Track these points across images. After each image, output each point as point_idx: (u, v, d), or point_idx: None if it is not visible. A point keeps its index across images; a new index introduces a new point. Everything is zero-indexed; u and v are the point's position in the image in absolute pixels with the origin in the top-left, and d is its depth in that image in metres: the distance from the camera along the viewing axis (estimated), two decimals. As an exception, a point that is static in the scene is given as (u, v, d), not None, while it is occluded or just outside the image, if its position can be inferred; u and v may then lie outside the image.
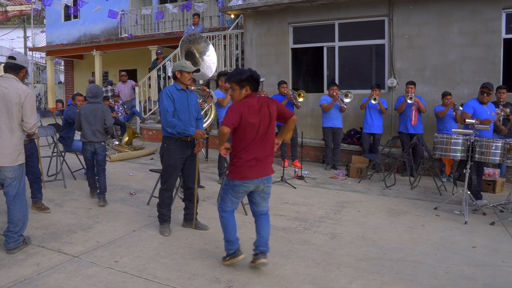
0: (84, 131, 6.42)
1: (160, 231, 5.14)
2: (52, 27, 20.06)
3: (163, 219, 5.18)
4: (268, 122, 4.01)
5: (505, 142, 6.00)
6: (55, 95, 20.66)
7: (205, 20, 15.37)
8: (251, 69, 4.13)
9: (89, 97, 6.48)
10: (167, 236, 5.03)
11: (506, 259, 4.67)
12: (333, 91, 9.19)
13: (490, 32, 9.29)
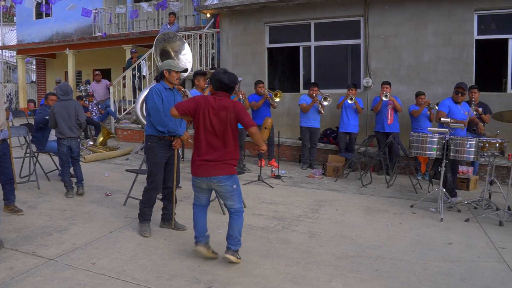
0: (61, 127, 6.60)
1: (140, 231, 5.05)
2: (23, 25, 19.64)
3: (144, 218, 5.10)
4: (224, 127, 4.06)
5: (479, 141, 6.11)
6: (26, 95, 20.23)
7: (181, 19, 15.27)
8: (220, 70, 4.19)
9: (60, 95, 6.71)
10: (147, 237, 4.95)
11: (481, 254, 4.75)
12: (313, 91, 9.21)
13: (463, 33, 9.46)
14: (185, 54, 9.74)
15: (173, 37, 9.74)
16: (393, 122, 8.92)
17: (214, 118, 4.03)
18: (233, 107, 4.05)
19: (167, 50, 9.93)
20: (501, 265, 4.47)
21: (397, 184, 8.20)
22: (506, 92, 9.52)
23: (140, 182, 6.65)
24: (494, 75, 11.14)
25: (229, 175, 4.12)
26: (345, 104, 9.21)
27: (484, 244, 5.08)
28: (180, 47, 9.77)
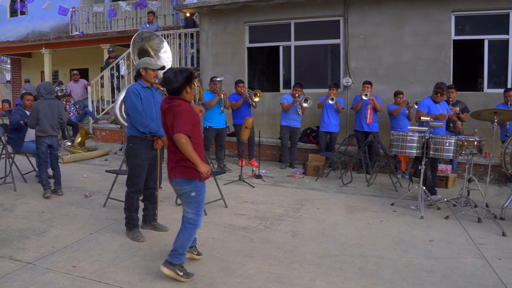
0: (43, 126, 6.58)
1: (132, 237, 4.90)
2: (-3, 23, 19.23)
3: (133, 224, 4.98)
4: (168, 129, 3.89)
5: (457, 139, 6.19)
6: (1, 95, 19.83)
7: (159, 19, 15.13)
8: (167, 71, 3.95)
9: (44, 93, 6.70)
10: (134, 240, 4.86)
11: (461, 251, 4.82)
12: (296, 91, 9.22)
13: (441, 34, 9.59)
14: (165, 51, 9.65)
15: (150, 36, 9.63)
16: (372, 121, 8.99)
17: (166, 121, 3.87)
18: (172, 108, 3.78)
19: (146, 49, 9.81)
20: (480, 261, 4.55)
21: (378, 183, 8.26)
22: (483, 92, 9.69)
23: (120, 183, 6.58)
24: (471, 75, 11.31)
25: (187, 179, 3.82)
26: (326, 104, 9.24)
27: (464, 241, 5.16)
28: (159, 45, 9.66)
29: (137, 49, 9.63)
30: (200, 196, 3.89)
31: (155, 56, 9.92)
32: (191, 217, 3.87)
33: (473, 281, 4.02)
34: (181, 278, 3.84)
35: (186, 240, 3.87)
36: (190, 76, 3.87)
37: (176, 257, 3.86)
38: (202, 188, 3.91)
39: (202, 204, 3.93)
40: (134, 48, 9.49)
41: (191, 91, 3.92)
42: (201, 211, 3.93)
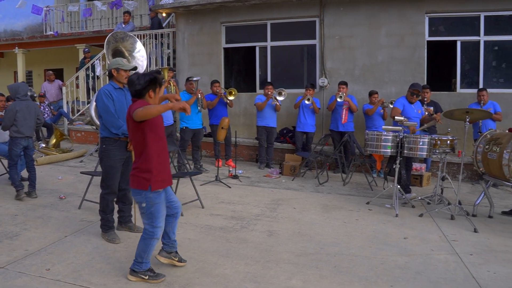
0: (21, 126, 6.53)
1: (108, 239, 4.84)
2: (-33, 22, 18.82)
3: (108, 226, 4.92)
4: (131, 134, 3.79)
5: (431, 138, 6.29)
6: (-27, 95, 19.39)
7: (136, 19, 15.02)
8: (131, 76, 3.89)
9: (22, 95, 6.67)
10: (110, 242, 4.80)
11: (434, 247, 4.89)
12: (268, 90, 9.26)
13: (415, 35, 9.74)
14: (139, 51, 9.57)
15: (124, 37, 9.54)
16: (347, 121, 9.07)
17: (128, 125, 3.79)
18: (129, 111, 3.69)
19: (120, 50, 9.70)
20: (453, 257, 4.62)
21: (353, 182, 8.34)
22: (456, 92, 9.86)
23: (95, 185, 6.48)
24: (445, 75, 11.51)
25: (137, 189, 3.74)
26: (303, 104, 9.29)
27: (437, 238, 5.24)
28: (133, 45, 9.58)
29: (111, 50, 9.52)
30: (153, 207, 3.74)
31: (130, 56, 9.82)
32: (147, 228, 3.80)
33: (445, 277, 4.09)
34: (149, 281, 3.82)
35: (144, 250, 3.80)
36: (154, 80, 3.76)
37: (136, 265, 3.85)
38: (155, 199, 3.74)
39: (157, 215, 3.77)
40: (108, 48, 9.39)
41: (155, 96, 3.81)
42: (157, 223, 3.77)
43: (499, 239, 5.26)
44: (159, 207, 3.78)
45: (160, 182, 3.76)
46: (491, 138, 5.98)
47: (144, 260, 3.83)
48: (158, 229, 3.79)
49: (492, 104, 8.38)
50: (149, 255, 3.84)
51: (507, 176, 5.47)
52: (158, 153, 3.76)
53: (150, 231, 3.78)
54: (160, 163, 3.77)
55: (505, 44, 9.68)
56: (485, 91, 8.41)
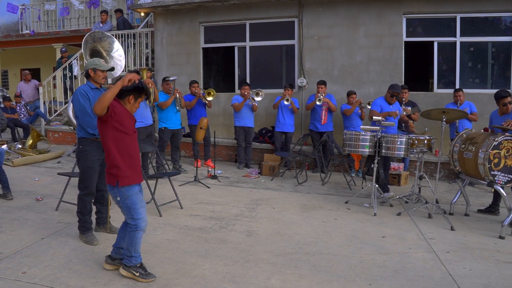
0: None
1: (85, 241, 4.77)
2: None
3: (86, 227, 4.85)
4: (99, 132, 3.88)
5: (408, 138, 6.34)
6: None
7: (113, 18, 14.82)
8: None
9: None
10: (88, 244, 4.72)
11: (412, 246, 4.94)
12: (244, 90, 9.27)
13: (393, 35, 9.83)
14: (117, 50, 9.46)
15: (102, 37, 9.43)
16: (327, 122, 9.11)
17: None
18: None
19: (98, 50, 9.57)
20: (430, 255, 4.67)
21: (332, 182, 8.38)
22: (433, 92, 9.98)
23: (73, 186, 6.37)
24: (422, 76, 11.65)
25: (110, 185, 3.83)
26: (281, 104, 9.30)
27: (415, 236, 5.29)
28: (111, 45, 9.46)
29: (89, 50, 9.39)
30: (127, 200, 3.78)
31: (108, 56, 9.70)
32: (129, 222, 3.84)
33: (423, 274, 4.13)
34: (138, 278, 3.82)
35: (130, 244, 3.84)
36: (141, 89, 3.83)
37: (127, 260, 3.88)
38: (127, 192, 3.78)
39: (135, 208, 3.80)
40: (86, 48, 9.26)
41: (134, 104, 3.87)
42: (137, 215, 3.80)
43: (475, 237, 5.34)
44: (134, 199, 3.81)
45: (128, 178, 3.79)
46: (467, 137, 6.06)
47: (133, 253, 3.84)
48: (140, 221, 3.81)
49: (468, 105, 8.50)
50: (137, 248, 3.86)
51: (483, 175, 5.54)
52: (125, 149, 3.79)
53: (132, 224, 3.81)
54: (128, 159, 3.80)
55: (480, 45, 9.84)
56: (461, 91, 8.53)
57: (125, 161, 3.77)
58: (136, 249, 3.85)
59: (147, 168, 7.92)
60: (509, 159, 5.45)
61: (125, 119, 3.79)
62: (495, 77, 9.88)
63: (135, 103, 3.86)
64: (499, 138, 5.41)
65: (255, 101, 9.29)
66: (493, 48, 9.83)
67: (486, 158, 5.40)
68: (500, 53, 9.77)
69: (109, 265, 4.08)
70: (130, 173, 3.79)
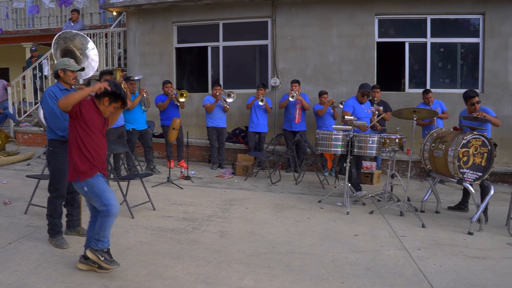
0: None
1: (55, 244, 4.66)
2: None
3: (56, 231, 4.73)
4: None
5: (380, 137, 6.41)
6: None
7: (85, 17, 14.59)
8: None
9: None
10: (57, 247, 4.60)
11: (384, 244, 4.99)
12: (216, 91, 9.25)
13: (365, 36, 9.94)
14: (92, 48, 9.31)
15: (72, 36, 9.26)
16: (300, 121, 9.15)
17: None
18: None
19: (71, 49, 9.40)
20: (402, 252, 4.73)
21: (305, 181, 8.41)
22: (404, 92, 10.12)
23: (42, 189, 6.24)
24: (394, 76, 11.80)
25: (72, 181, 3.98)
26: (255, 104, 9.30)
27: (387, 234, 5.35)
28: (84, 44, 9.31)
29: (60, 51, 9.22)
30: (95, 188, 3.87)
31: (82, 56, 9.55)
32: (101, 208, 3.87)
33: (394, 272, 4.17)
34: (102, 263, 3.87)
35: (101, 228, 3.88)
36: (117, 96, 3.93)
37: (94, 243, 3.91)
38: (93, 181, 3.89)
39: (103, 194, 3.88)
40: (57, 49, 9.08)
41: (108, 107, 3.96)
42: (107, 200, 3.86)
43: (445, 233, 5.44)
44: (101, 187, 3.90)
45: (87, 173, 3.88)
46: (437, 136, 6.15)
47: (101, 238, 3.89)
48: (111, 206, 3.86)
49: (439, 103, 8.65)
50: (106, 234, 3.91)
51: (452, 173, 5.63)
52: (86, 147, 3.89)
53: (104, 210, 3.86)
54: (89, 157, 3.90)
55: (450, 46, 10.03)
56: (430, 92, 8.68)
57: (83, 159, 3.87)
58: (105, 234, 3.90)
59: (119, 170, 7.82)
60: (477, 157, 5.56)
61: (93, 119, 3.89)
62: (464, 77, 10.09)
63: (109, 106, 3.94)
64: (467, 136, 5.51)
65: (226, 102, 9.26)
66: (462, 49, 10.03)
67: (455, 156, 5.49)
68: (468, 54, 9.97)
69: (84, 264, 4.03)
70: (88, 168, 3.88)
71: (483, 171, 5.61)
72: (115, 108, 3.99)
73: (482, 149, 5.56)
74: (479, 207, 5.54)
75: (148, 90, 8.95)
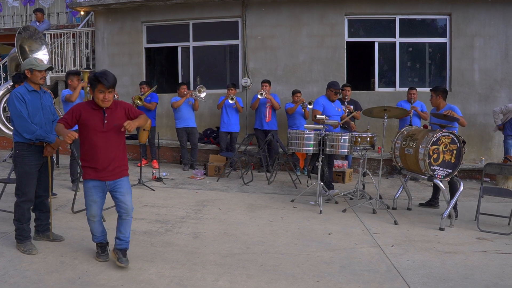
0: None
1: (23, 250, 4.50)
2: None
3: (24, 236, 4.57)
4: None
5: (351, 135, 6.45)
6: None
7: (52, 17, 14.25)
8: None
9: None
10: (26, 253, 4.44)
11: (357, 241, 5.02)
12: (183, 89, 9.20)
13: (335, 36, 10.03)
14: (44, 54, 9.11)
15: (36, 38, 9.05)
16: (271, 119, 9.15)
17: None
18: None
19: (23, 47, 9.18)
20: (375, 249, 4.77)
21: (278, 181, 8.42)
22: (375, 91, 10.24)
23: (9, 193, 6.07)
24: (364, 75, 11.93)
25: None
26: (226, 104, 9.26)
27: (360, 232, 5.38)
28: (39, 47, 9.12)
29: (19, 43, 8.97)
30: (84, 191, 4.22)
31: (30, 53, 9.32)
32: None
33: (369, 268, 4.20)
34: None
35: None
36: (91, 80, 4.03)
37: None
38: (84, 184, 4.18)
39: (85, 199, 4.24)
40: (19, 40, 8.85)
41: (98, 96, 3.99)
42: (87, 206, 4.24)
43: (417, 230, 5.52)
44: (86, 192, 4.19)
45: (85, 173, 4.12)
46: (407, 134, 6.24)
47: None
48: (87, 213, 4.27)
49: (420, 104, 8.78)
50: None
51: (423, 170, 5.71)
52: (87, 146, 4.09)
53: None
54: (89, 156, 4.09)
55: (418, 45, 10.20)
56: (415, 90, 8.82)
57: (85, 158, 4.11)
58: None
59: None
60: (447, 154, 5.65)
61: (90, 119, 4.02)
62: (432, 76, 10.28)
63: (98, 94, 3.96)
64: (437, 134, 5.59)
65: (200, 97, 9.17)
66: (430, 48, 10.22)
67: (426, 154, 5.57)
68: (436, 53, 10.16)
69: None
70: (87, 168, 4.10)
71: (453, 168, 5.70)
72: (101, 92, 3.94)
73: (452, 146, 5.66)
74: (449, 203, 5.63)
75: (117, 91, 8.79)
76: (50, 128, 4.66)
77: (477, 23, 9.70)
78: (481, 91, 9.75)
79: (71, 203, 6.02)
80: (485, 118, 9.72)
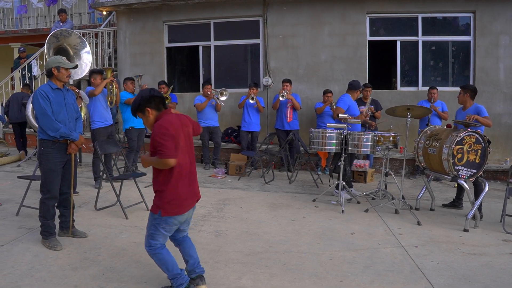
0: None
1: (49, 246, 4.58)
2: None
3: (49, 232, 4.66)
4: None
5: (374, 135, 6.40)
6: None
7: (74, 17, 14.45)
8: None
9: None
10: (51, 249, 4.52)
11: (381, 241, 4.97)
12: (207, 90, 9.20)
13: (357, 34, 9.95)
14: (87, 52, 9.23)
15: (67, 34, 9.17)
16: (292, 119, 9.11)
17: None
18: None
19: (65, 48, 9.33)
20: (399, 250, 4.72)
21: (299, 180, 8.39)
22: (396, 90, 10.14)
23: (34, 190, 6.18)
24: (385, 74, 11.83)
25: None
26: (247, 103, 9.26)
27: (383, 232, 5.34)
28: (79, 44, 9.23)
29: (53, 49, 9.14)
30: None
31: (75, 55, 9.47)
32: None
33: (392, 269, 4.16)
34: None
35: None
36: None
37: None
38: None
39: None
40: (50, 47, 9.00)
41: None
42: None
43: (441, 231, 5.44)
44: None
45: None
46: (431, 133, 6.16)
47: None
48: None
49: (441, 103, 8.67)
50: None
51: (447, 170, 5.63)
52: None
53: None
54: None
55: (441, 44, 10.06)
56: (435, 89, 8.72)
57: None
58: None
59: (111, 170, 7.74)
60: (471, 154, 5.57)
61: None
62: (455, 75, 10.13)
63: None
64: (461, 134, 5.51)
65: (220, 100, 9.21)
66: (453, 47, 10.07)
67: (450, 154, 5.49)
68: (460, 52, 10.02)
69: None
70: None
71: (477, 168, 5.62)
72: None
73: (476, 146, 5.57)
74: (474, 204, 5.55)
75: (138, 90, 8.85)
76: (74, 126, 4.73)
77: (503, 21, 9.53)
78: (506, 90, 9.58)
79: (94, 201, 6.10)
80: (510, 118, 9.55)
